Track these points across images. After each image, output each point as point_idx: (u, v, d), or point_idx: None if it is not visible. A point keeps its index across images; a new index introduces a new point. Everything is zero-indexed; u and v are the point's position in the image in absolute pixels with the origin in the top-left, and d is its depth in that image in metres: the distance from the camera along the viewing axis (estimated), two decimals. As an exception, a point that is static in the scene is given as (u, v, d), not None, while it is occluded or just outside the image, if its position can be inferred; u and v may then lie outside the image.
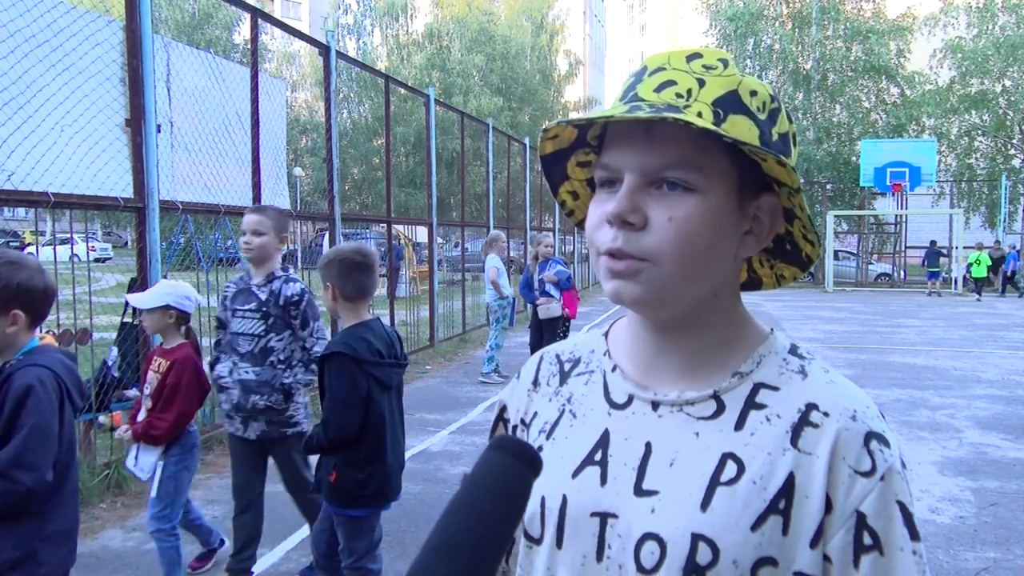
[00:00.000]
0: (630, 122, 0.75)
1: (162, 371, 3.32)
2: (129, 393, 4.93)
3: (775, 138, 0.78)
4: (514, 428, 0.93)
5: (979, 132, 27.84)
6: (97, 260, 18.09)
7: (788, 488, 0.74)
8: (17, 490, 1.87)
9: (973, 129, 27.83)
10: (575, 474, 0.82)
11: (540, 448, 0.86)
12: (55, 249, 5.73)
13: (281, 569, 3.82)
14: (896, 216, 26.03)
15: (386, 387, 2.90)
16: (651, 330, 0.83)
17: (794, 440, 0.75)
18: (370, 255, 2.98)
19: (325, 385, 2.86)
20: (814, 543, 0.73)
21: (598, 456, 0.82)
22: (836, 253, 25.36)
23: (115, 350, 5.20)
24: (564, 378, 0.91)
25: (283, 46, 33.99)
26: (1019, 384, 8.55)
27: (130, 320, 5.34)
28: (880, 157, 23.02)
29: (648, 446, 0.79)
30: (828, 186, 26.78)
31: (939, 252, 22.60)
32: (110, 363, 5.10)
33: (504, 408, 0.97)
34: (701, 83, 0.75)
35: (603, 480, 0.80)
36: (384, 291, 10.79)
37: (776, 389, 0.79)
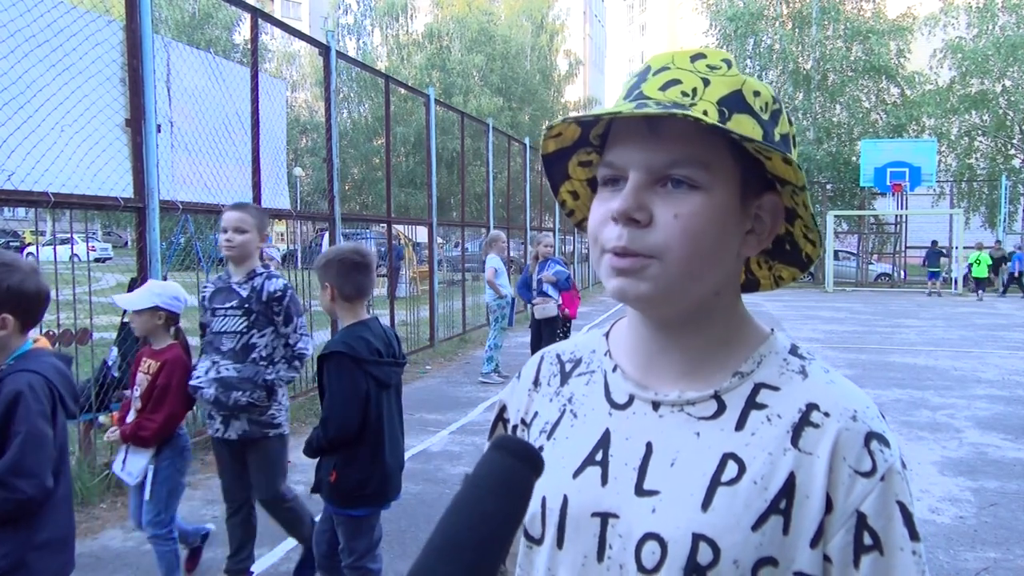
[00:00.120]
0: (636, 119, 0.76)
1: (152, 372, 3.28)
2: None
3: (777, 138, 0.78)
4: (514, 428, 0.93)
5: (979, 132, 27.86)
6: (97, 260, 18.07)
7: (789, 488, 0.74)
8: (18, 498, 1.84)
9: (973, 129, 27.84)
10: (576, 474, 0.82)
11: (541, 448, 0.86)
12: (55, 249, 5.74)
13: (281, 569, 3.82)
14: (896, 216, 26.04)
15: (385, 386, 2.91)
16: (652, 329, 0.83)
17: (795, 440, 0.75)
18: (368, 255, 2.98)
19: (324, 385, 2.87)
20: (814, 543, 0.73)
21: (599, 456, 0.82)
22: (836, 253, 25.36)
23: (115, 350, 5.19)
24: (565, 378, 0.91)
25: (283, 46, 33.99)
26: (1019, 384, 8.54)
27: (130, 320, 5.33)
28: (880, 157, 23.02)
29: (649, 446, 0.79)
30: (828, 186, 26.77)
31: (940, 252, 22.60)
32: (110, 363, 5.09)
33: (504, 408, 0.96)
34: (706, 82, 0.76)
35: (604, 480, 0.80)
36: (384, 291, 10.80)
37: (777, 389, 0.79)
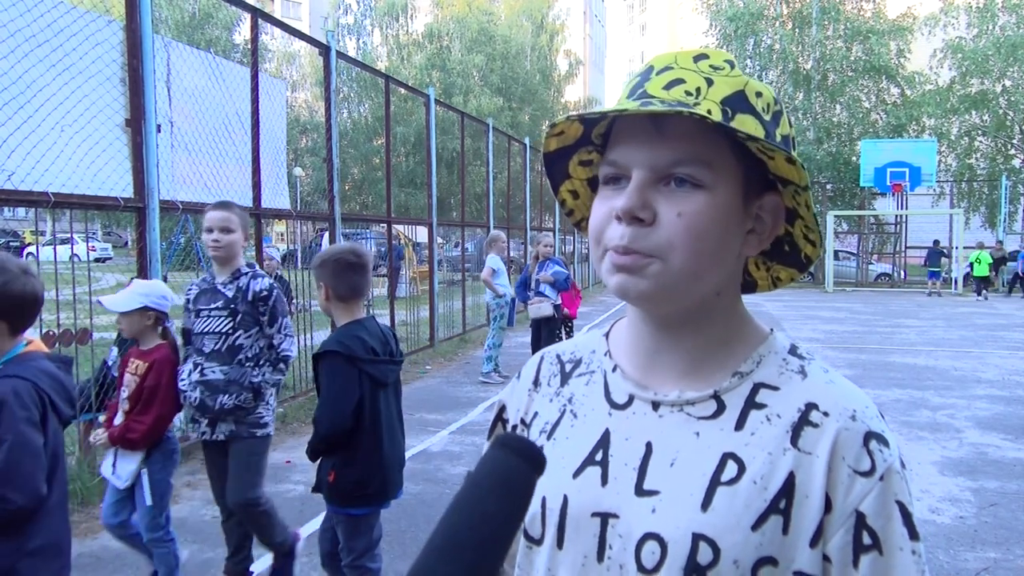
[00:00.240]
0: (640, 118, 0.76)
1: (140, 373, 3.22)
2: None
3: (778, 139, 0.79)
4: (514, 428, 0.93)
5: (979, 132, 27.84)
6: (97, 260, 18.09)
7: (788, 488, 0.74)
8: (7, 507, 1.79)
9: (973, 129, 27.83)
10: (576, 474, 0.82)
11: (541, 448, 0.86)
12: (55, 249, 5.74)
13: (281, 569, 3.82)
14: (896, 216, 26.03)
15: (382, 385, 2.90)
16: (652, 329, 0.83)
17: (794, 440, 0.75)
18: (364, 255, 2.96)
19: (319, 384, 2.88)
20: (814, 543, 0.73)
21: (599, 456, 0.82)
22: (836, 253, 25.36)
23: (115, 350, 5.18)
24: (565, 379, 0.91)
25: (283, 46, 34.00)
26: (1019, 384, 8.54)
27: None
28: (880, 157, 23.02)
29: (649, 446, 0.79)
30: (828, 186, 26.77)
31: (941, 252, 22.59)
32: (110, 363, 5.09)
33: (503, 408, 0.96)
34: (709, 82, 0.76)
35: (604, 480, 0.80)
36: (384, 291, 10.80)
37: (776, 389, 0.79)
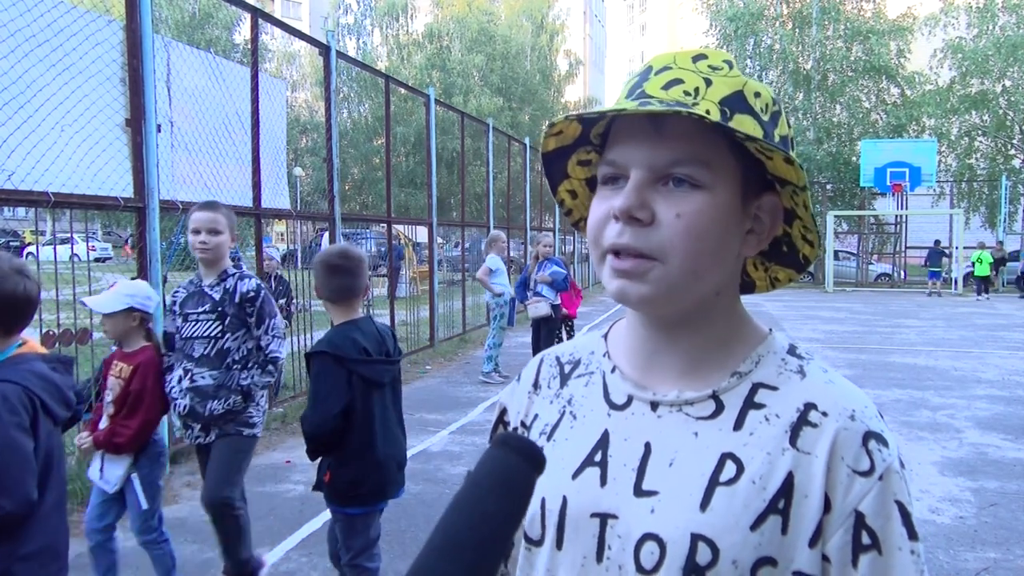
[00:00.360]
0: (639, 118, 0.76)
1: (124, 376, 3.17)
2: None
3: (777, 139, 0.79)
4: (514, 430, 0.93)
5: (979, 132, 27.84)
6: (97, 260, 18.10)
7: (787, 488, 0.74)
8: None
9: (973, 129, 27.82)
10: (575, 475, 0.82)
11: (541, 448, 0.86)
12: (55, 249, 5.74)
13: (281, 569, 3.82)
14: (896, 216, 26.03)
15: (375, 384, 2.89)
16: (651, 329, 0.83)
17: (793, 440, 0.75)
18: (352, 257, 2.94)
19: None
20: (813, 543, 0.73)
21: (598, 457, 0.82)
22: (836, 253, 25.36)
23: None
24: (564, 380, 0.91)
25: (283, 46, 34.00)
26: (1019, 384, 8.54)
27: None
28: (880, 157, 23.03)
29: (647, 446, 0.79)
30: (828, 186, 26.78)
31: (942, 252, 22.59)
32: (110, 363, 5.09)
33: (504, 411, 0.96)
34: (708, 82, 0.76)
35: (603, 481, 0.80)
36: (384, 291, 10.80)
37: (775, 389, 0.79)
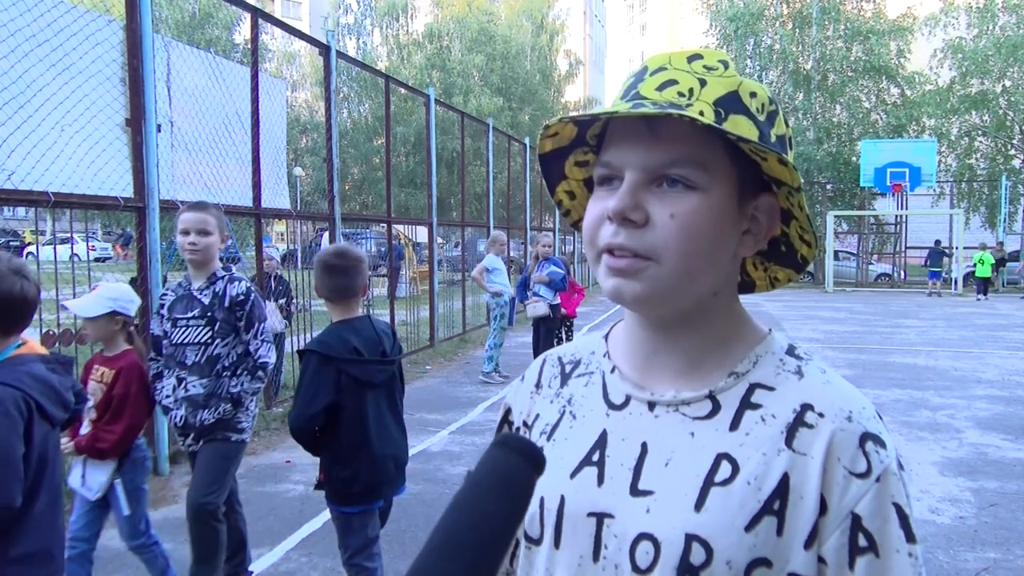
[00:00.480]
0: (633, 119, 0.76)
1: (106, 381, 3.11)
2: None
3: (773, 139, 0.78)
4: (517, 430, 0.93)
5: (979, 132, 27.83)
6: (97, 260, 18.10)
7: (782, 489, 0.73)
8: None
9: (973, 129, 27.81)
10: (573, 475, 0.82)
11: (541, 449, 0.86)
12: (55, 249, 5.74)
13: (281, 569, 3.82)
14: (896, 216, 26.02)
15: (366, 384, 2.88)
16: (649, 330, 0.83)
17: (789, 441, 0.75)
18: (348, 257, 2.93)
19: None
20: (808, 544, 0.72)
21: (596, 457, 0.82)
22: (836, 253, 25.35)
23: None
24: (565, 380, 0.91)
25: (283, 46, 34.00)
26: (1019, 384, 8.54)
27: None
28: (880, 157, 23.02)
29: (644, 446, 0.79)
30: (828, 186, 26.77)
31: (943, 252, 22.58)
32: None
33: (509, 410, 0.97)
34: (703, 83, 0.76)
35: (600, 480, 0.80)
36: (384, 291, 10.80)
37: (772, 389, 0.79)
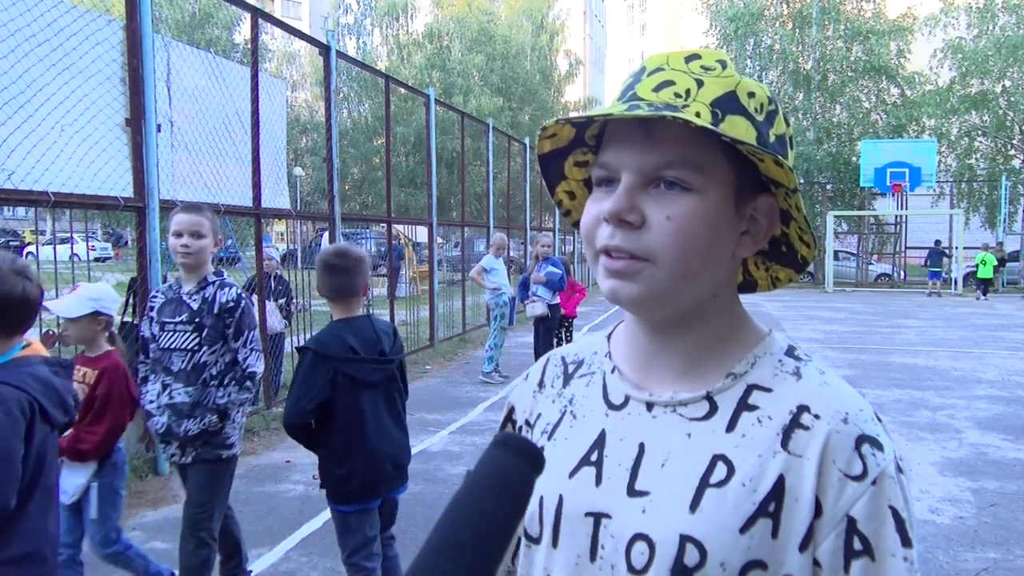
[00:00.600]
0: (629, 121, 0.75)
1: (88, 382, 3.07)
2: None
3: (772, 139, 0.78)
4: (519, 429, 0.93)
5: (979, 132, 27.81)
6: (97, 260, 18.09)
7: (778, 491, 0.73)
8: None
9: (973, 129, 27.79)
10: (572, 474, 0.82)
11: (542, 449, 0.86)
12: (55, 248, 5.75)
13: (281, 569, 3.82)
14: (896, 216, 26.01)
15: (362, 383, 2.88)
16: (648, 331, 0.83)
17: (784, 442, 0.75)
18: (348, 257, 2.93)
19: None
20: (803, 547, 0.72)
21: (594, 456, 0.82)
22: (836, 253, 25.33)
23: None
24: (568, 380, 0.91)
25: (283, 46, 33.99)
26: (1019, 384, 8.54)
27: (130, 319, 5.34)
28: (880, 157, 23.01)
29: (642, 447, 0.79)
30: (828, 186, 26.77)
31: (943, 252, 22.58)
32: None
33: (512, 409, 0.97)
34: (700, 83, 0.75)
35: (598, 480, 0.80)
36: (384, 291, 10.80)
37: (769, 391, 0.78)
